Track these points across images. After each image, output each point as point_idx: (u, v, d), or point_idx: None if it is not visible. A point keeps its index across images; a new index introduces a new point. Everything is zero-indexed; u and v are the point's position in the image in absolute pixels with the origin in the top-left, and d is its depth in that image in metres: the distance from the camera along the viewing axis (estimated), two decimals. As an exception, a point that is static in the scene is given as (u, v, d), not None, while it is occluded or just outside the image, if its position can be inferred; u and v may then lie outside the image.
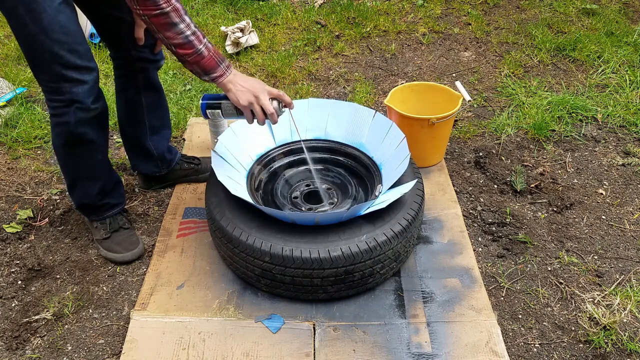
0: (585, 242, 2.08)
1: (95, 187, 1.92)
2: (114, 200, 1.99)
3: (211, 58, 1.60)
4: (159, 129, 2.13)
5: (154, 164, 2.18)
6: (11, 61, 3.12)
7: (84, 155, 1.83)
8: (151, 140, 2.12)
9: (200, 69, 1.62)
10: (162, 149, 2.16)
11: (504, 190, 2.30)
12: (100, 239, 1.98)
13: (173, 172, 2.25)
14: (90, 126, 1.75)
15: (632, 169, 2.42)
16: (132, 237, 2.00)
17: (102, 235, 1.98)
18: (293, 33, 3.45)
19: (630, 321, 1.78)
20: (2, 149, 2.50)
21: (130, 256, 1.96)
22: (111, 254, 1.96)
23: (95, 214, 1.99)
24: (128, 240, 1.98)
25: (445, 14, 3.67)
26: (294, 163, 2.12)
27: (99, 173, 1.91)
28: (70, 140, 1.76)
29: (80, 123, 1.71)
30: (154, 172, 2.21)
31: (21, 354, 1.68)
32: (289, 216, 1.71)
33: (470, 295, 1.83)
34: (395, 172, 1.84)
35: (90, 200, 1.95)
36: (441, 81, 3.01)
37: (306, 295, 1.75)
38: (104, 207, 1.97)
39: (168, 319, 1.74)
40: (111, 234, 1.98)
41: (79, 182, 1.91)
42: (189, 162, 2.28)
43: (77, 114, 1.69)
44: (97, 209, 1.97)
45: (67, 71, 1.61)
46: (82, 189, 1.92)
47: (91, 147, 1.81)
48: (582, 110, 2.73)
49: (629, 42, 3.24)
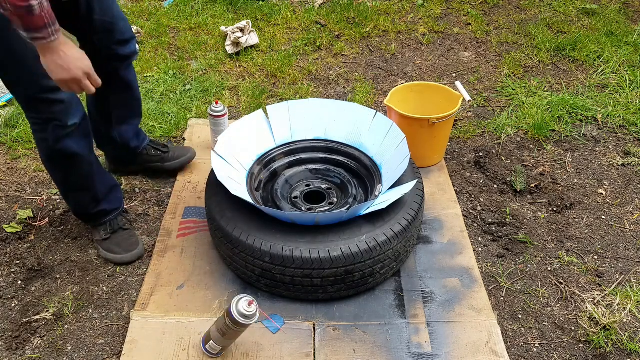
0: (585, 242, 2.08)
1: (87, 197, 1.90)
2: (109, 206, 1.97)
3: (41, 17, 1.33)
4: (126, 120, 2.12)
5: (117, 149, 2.20)
6: (11, 61, 3.11)
7: (70, 168, 1.81)
8: (116, 130, 2.11)
9: (23, 24, 1.34)
10: (127, 138, 2.16)
11: (504, 190, 2.30)
12: (100, 240, 1.97)
13: (138, 158, 2.25)
14: (71, 139, 1.71)
15: (632, 169, 2.42)
16: (132, 237, 1.99)
17: (101, 236, 1.97)
18: (293, 33, 3.45)
19: (630, 321, 1.78)
20: (2, 149, 2.50)
21: (130, 257, 1.95)
22: (111, 255, 1.95)
23: (93, 221, 1.99)
24: (128, 242, 1.97)
25: (445, 14, 3.67)
26: (294, 163, 2.11)
27: (89, 183, 1.88)
28: (53, 155, 1.75)
29: (60, 139, 1.69)
30: (117, 155, 2.25)
31: (21, 354, 1.68)
32: (289, 216, 1.71)
33: (470, 295, 1.83)
34: (395, 172, 1.84)
35: (85, 210, 1.94)
36: (441, 81, 3.00)
37: (306, 295, 1.75)
38: (100, 214, 1.96)
39: (168, 319, 1.74)
40: (111, 234, 1.97)
41: (70, 194, 1.92)
42: (157, 148, 2.26)
43: (56, 131, 1.67)
44: (92, 217, 1.97)
45: (43, 94, 1.59)
46: (74, 199, 1.93)
47: (75, 160, 1.78)
48: (582, 110, 2.73)
49: (629, 42, 3.24)
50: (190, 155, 2.34)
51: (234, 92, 2.90)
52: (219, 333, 1.55)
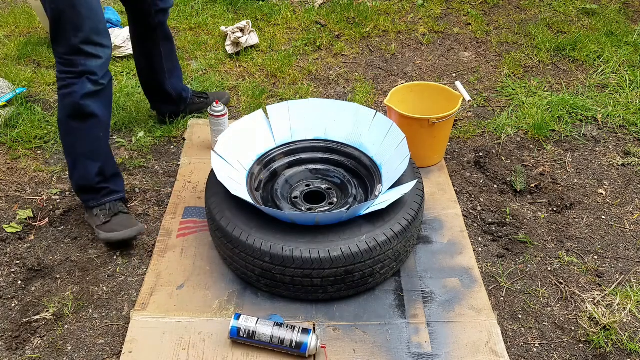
0: (585, 242, 2.08)
1: (94, 167, 1.95)
2: (113, 186, 2.02)
3: None
4: (173, 72, 2.43)
5: (173, 103, 2.52)
6: (11, 61, 3.12)
7: (86, 130, 1.90)
8: (170, 83, 2.42)
9: None
10: (179, 89, 2.48)
11: (504, 190, 2.30)
12: (101, 224, 1.97)
13: (187, 107, 2.61)
14: (95, 100, 1.86)
15: (632, 169, 2.42)
16: (132, 220, 2.00)
17: (101, 220, 1.97)
18: (293, 33, 3.45)
19: (630, 321, 1.78)
20: (2, 149, 2.50)
21: (131, 232, 1.94)
22: (114, 234, 1.93)
23: (94, 199, 1.99)
24: (129, 222, 1.98)
25: (445, 14, 3.67)
26: (294, 163, 2.11)
27: (100, 151, 1.97)
28: (75, 112, 1.85)
29: (87, 95, 1.83)
30: (173, 109, 2.56)
31: (21, 354, 1.68)
32: (289, 216, 1.71)
33: (470, 295, 1.83)
34: (395, 172, 1.84)
35: (89, 182, 1.96)
36: (441, 81, 3.01)
37: (306, 295, 1.75)
38: (103, 190, 1.99)
39: (168, 319, 1.74)
40: (111, 218, 1.97)
41: (79, 162, 1.95)
42: (200, 97, 2.65)
43: (87, 85, 1.81)
44: (96, 191, 1.98)
45: (85, 46, 1.77)
46: (82, 169, 1.95)
47: (93, 122, 1.90)
48: (582, 110, 2.73)
49: (629, 42, 3.24)
50: (227, 98, 2.75)
51: (234, 92, 2.90)
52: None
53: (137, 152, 2.47)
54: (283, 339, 1.59)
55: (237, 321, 1.63)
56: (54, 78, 2.96)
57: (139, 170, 2.38)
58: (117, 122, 2.63)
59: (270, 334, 1.60)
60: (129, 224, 1.97)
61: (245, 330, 1.61)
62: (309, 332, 1.60)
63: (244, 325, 1.62)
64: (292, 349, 1.59)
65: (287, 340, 1.59)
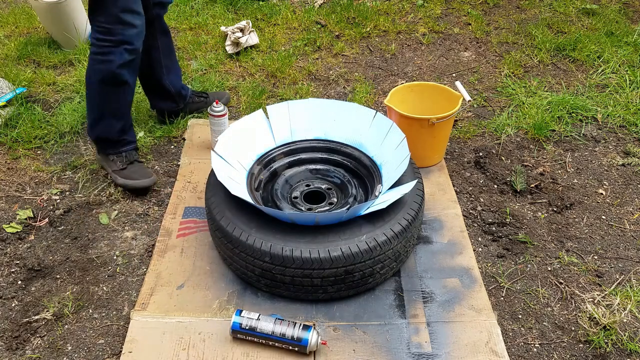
0: (585, 242, 2.08)
1: (118, 125, 2.16)
2: (130, 137, 2.23)
3: None
4: (172, 69, 2.44)
5: (172, 100, 2.51)
6: (11, 61, 3.11)
7: (117, 95, 2.07)
8: (168, 79, 2.42)
9: None
10: (178, 87, 2.48)
11: (504, 190, 2.30)
12: (117, 170, 2.18)
13: (187, 106, 2.60)
14: (129, 69, 2.02)
15: (632, 169, 2.42)
16: (146, 169, 2.22)
17: (118, 166, 2.19)
18: (293, 33, 3.45)
19: (630, 321, 1.78)
20: (2, 149, 2.50)
21: (148, 182, 2.16)
22: (130, 181, 2.16)
23: (113, 149, 2.21)
24: (142, 171, 2.19)
25: (445, 14, 3.67)
26: (294, 163, 2.12)
27: (125, 112, 2.16)
28: (109, 78, 2.01)
29: (123, 65, 1.99)
30: (173, 107, 2.54)
31: (21, 354, 1.68)
32: (289, 216, 1.71)
33: (470, 295, 1.83)
34: (395, 172, 1.84)
35: (111, 136, 2.17)
36: (441, 81, 3.00)
37: (306, 295, 1.75)
38: (122, 142, 2.21)
39: (168, 319, 1.74)
40: (127, 165, 2.19)
41: (104, 119, 2.13)
42: (199, 96, 2.64)
43: (124, 55, 1.96)
44: (115, 143, 2.20)
45: (124, 14, 1.89)
46: (106, 125, 2.15)
47: (124, 88, 2.07)
48: (582, 110, 2.73)
49: (629, 42, 3.24)
50: (227, 97, 2.74)
51: (234, 92, 2.90)
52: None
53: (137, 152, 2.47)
54: (284, 333, 1.59)
55: (238, 317, 1.63)
56: (54, 78, 2.97)
57: (139, 170, 2.38)
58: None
59: (272, 329, 1.60)
60: (144, 173, 2.19)
61: (247, 325, 1.62)
62: (309, 328, 1.61)
63: (246, 319, 1.62)
64: (294, 341, 1.59)
65: (289, 335, 1.59)
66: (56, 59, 3.12)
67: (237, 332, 1.63)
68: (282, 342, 1.61)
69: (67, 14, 3.07)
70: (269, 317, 1.64)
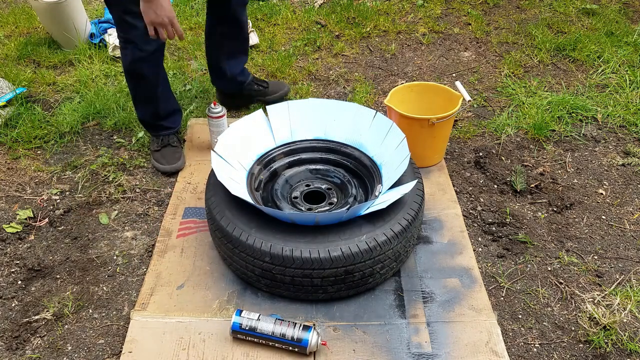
0: (585, 242, 2.08)
1: (149, 109, 2.32)
2: (167, 124, 2.38)
3: None
4: (234, 55, 2.55)
5: (227, 82, 2.62)
6: (11, 61, 3.11)
7: (138, 85, 2.24)
8: (227, 63, 2.54)
9: None
10: (235, 72, 2.58)
11: (504, 190, 2.30)
12: (153, 150, 2.38)
13: (244, 92, 2.68)
14: (144, 63, 2.14)
15: (632, 169, 2.42)
16: (176, 153, 2.36)
17: (154, 147, 2.38)
18: (293, 33, 3.45)
19: (630, 321, 1.78)
20: (2, 149, 2.50)
21: (170, 169, 2.32)
22: (157, 164, 2.35)
23: (150, 130, 2.41)
24: (172, 156, 2.34)
25: (445, 14, 3.67)
26: (294, 163, 2.11)
27: (152, 100, 2.29)
28: (128, 70, 2.18)
29: (136, 61, 2.12)
30: (228, 89, 2.66)
31: (21, 354, 1.68)
32: (289, 216, 1.71)
33: (470, 295, 1.83)
34: (395, 172, 1.84)
35: (146, 119, 2.36)
36: (441, 81, 3.00)
37: (306, 295, 1.75)
38: (158, 127, 2.37)
39: (168, 319, 1.74)
40: (161, 148, 2.36)
41: (138, 103, 2.32)
42: (259, 84, 2.71)
43: (135, 51, 2.09)
44: (152, 127, 2.38)
45: (126, 15, 1.99)
46: (141, 108, 2.34)
47: (143, 80, 2.20)
48: (582, 110, 2.73)
49: (629, 42, 3.24)
50: (286, 89, 2.79)
51: (234, 92, 2.89)
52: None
53: (137, 152, 2.47)
54: (284, 333, 1.59)
55: (239, 317, 1.63)
56: (54, 78, 2.97)
57: (139, 170, 2.38)
58: (117, 122, 2.63)
59: (272, 329, 1.60)
60: (171, 159, 2.33)
61: (247, 325, 1.62)
62: (309, 328, 1.61)
63: (246, 320, 1.62)
64: (294, 342, 1.59)
65: (289, 335, 1.59)
66: (56, 59, 3.12)
67: (237, 332, 1.63)
68: (282, 342, 1.61)
69: (67, 14, 3.07)
70: (268, 317, 1.64)
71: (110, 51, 3.13)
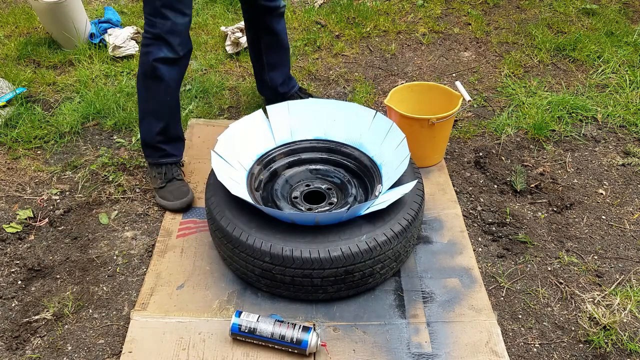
0: (585, 242, 2.08)
1: (157, 125, 2.14)
2: (171, 150, 2.21)
3: None
4: (275, 66, 2.56)
5: (270, 92, 2.65)
6: (11, 61, 3.11)
7: (154, 90, 2.09)
8: (268, 75, 2.56)
9: None
10: (276, 83, 2.59)
11: (504, 190, 2.30)
12: (157, 187, 2.19)
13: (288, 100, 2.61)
14: (167, 66, 2.03)
15: (632, 169, 2.42)
16: (183, 187, 2.18)
17: (158, 184, 2.19)
18: (293, 33, 3.45)
19: (630, 321, 1.78)
20: (2, 149, 2.50)
21: (179, 205, 2.13)
22: (164, 202, 2.15)
23: (152, 156, 2.21)
24: (179, 190, 2.16)
25: (445, 14, 3.67)
26: (294, 163, 2.11)
27: (164, 113, 2.14)
28: (148, 71, 2.04)
29: (160, 60, 2.00)
30: (270, 97, 2.67)
31: (21, 354, 1.68)
32: (289, 216, 1.71)
33: (470, 295, 1.83)
34: (395, 172, 1.84)
35: (151, 138, 2.17)
36: (441, 81, 3.00)
37: (306, 295, 1.75)
38: (161, 151, 2.19)
39: (168, 319, 1.74)
40: (166, 183, 2.18)
41: (146, 117, 2.15)
42: (304, 94, 2.72)
43: (162, 49, 1.99)
44: (155, 149, 2.19)
45: (164, 9, 1.92)
46: (147, 124, 2.16)
47: (162, 85, 2.07)
48: (582, 110, 2.73)
49: (629, 42, 3.24)
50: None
51: (234, 92, 2.90)
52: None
53: (137, 152, 2.47)
54: (284, 335, 1.59)
55: (238, 318, 1.63)
56: (54, 78, 2.97)
57: (139, 170, 2.38)
58: (117, 122, 2.63)
59: (271, 331, 1.60)
60: (179, 194, 2.15)
61: (247, 327, 1.61)
62: (309, 330, 1.61)
63: (245, 321, 1.62)
64: (293, 344, 1.59)
65: (288, 337, 1.59)
66: (56, 59, 3.12)
67: (237, 334, 1.63)
68: (282, 344, 1.61)
69: (67, 14, 3.07)
70: (268, 318, 1.64)
71: (110, 51, 3.13)
